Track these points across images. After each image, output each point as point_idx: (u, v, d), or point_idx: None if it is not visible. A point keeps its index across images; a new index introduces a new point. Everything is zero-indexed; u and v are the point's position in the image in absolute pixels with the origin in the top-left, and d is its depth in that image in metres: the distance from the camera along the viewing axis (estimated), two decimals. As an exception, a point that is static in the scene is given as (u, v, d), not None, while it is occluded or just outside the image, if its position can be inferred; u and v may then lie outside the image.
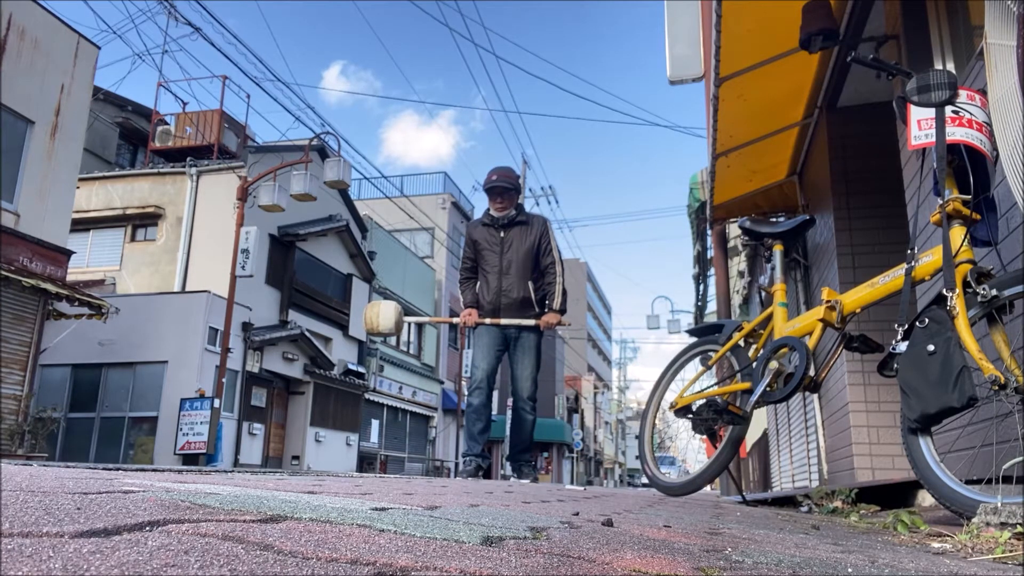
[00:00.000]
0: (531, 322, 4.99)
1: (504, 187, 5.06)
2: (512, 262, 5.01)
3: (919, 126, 2.39)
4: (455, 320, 5.33)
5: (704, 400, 3.43)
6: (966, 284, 2.24)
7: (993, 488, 1.94)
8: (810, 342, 2.92)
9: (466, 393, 5.66)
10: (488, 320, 5.01)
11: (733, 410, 3.18)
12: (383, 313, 5.12)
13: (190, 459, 13.03)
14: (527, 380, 5.03)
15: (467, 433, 5.06)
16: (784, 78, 5.27)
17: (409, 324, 5.54)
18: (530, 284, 5.03)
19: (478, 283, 5.14)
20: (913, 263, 2.44)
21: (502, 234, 5.07)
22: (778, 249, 3.31)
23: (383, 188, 26.34)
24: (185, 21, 12.85)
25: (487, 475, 5.09)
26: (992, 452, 2.21)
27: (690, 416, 3.40)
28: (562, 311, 5.04)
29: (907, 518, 2.24)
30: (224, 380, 13.50)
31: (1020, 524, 1.67)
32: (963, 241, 2.29)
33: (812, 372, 2.92)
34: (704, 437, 3.55)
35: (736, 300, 13.00)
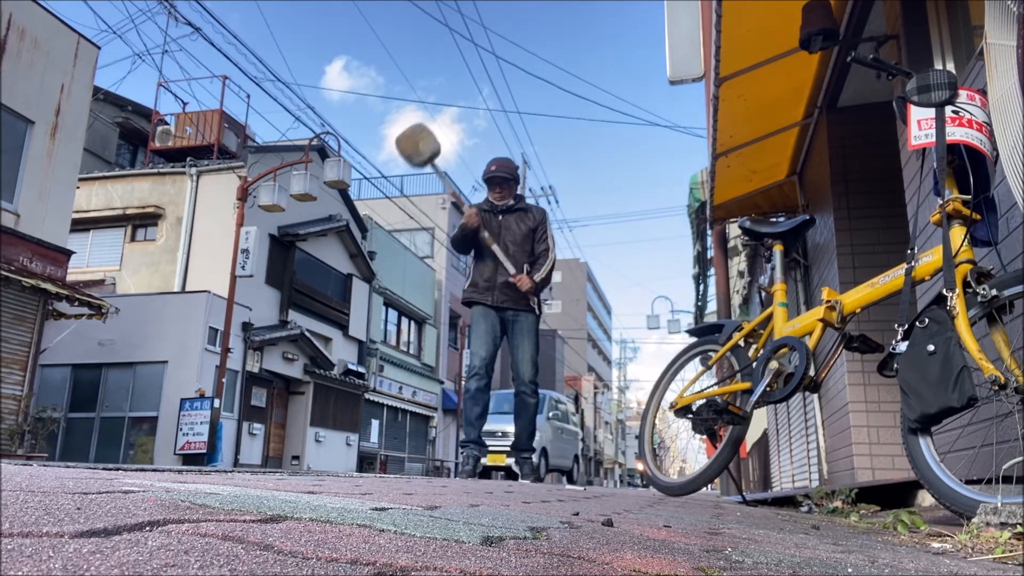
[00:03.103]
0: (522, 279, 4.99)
1: (503, 177, 5.12)
2: (508, 246, 5.04)
3: (919, 126, 2.39)
4: (465, 209, 5.16)
5: (704, 400, 3.43)
6: (966, 284, 2.24)
7: (993, 488, 1.93)
8: (810, 342, 2.92)
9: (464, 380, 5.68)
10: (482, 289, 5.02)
11: (733, 410, 3.18)
12: (424, 142, 4.98)
13: (190, 459, 13.02)
14: (528, 363, 5.05)
15: (465, 419, 5.09)
16: (784, 78, 5.27)
17: (432, 165, 5.37)
18: (525, 267, 5.07)
19: (475, 264, 5.17)
20: (913, 263, 2.44)
21: (500, 218, 5.11)
22: (778, 249, 3.31)
23: (383, 188, 26.36)
24: (185, 21, 12.86)
25: (486, 471, 5.09)
26: (992, 452, 2.22)
27: (690, 416, 3.40)
28: (539, 287, 5.05)
29: (907, 518, 2.24)
30: (224, 380, 13.49)
31: (1020, 524, 1.67)
32: (963, 241, 2.29)
33: (812, 372, 2.92)
34: (704, 437, 3.56)
35: (736, 300, 13.00)
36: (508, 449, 6.53)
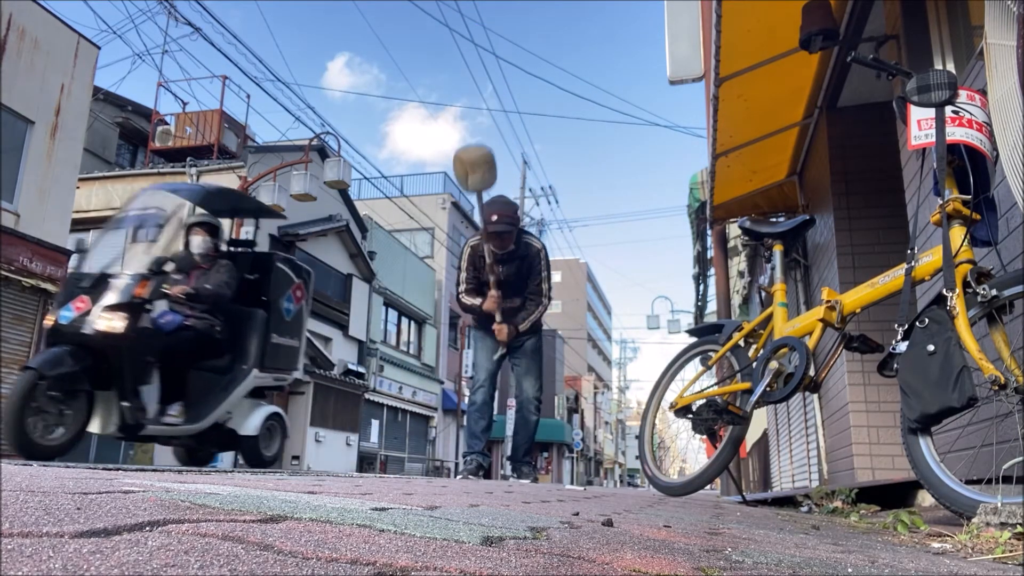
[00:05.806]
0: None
1: (506, 229, 4.78)
2: (510, 278, 4.93)
3: (919, 126, 2.39)
4: (490, 299, 4.93)
5: (704, 400, 3.43)
6: (966, 284, 2.24)
7: (993, 488, 1.93)
8: (810, 342, 2.92)
9: (467, 393, 5.68)
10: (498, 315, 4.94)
11: (733, 410, 3.18)
12: (474, 175, 4.59)
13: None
14: (531, 379, 5.04)
15: (468, 431, 5.09)
16: (784, 78, 5.27)
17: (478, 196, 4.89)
18: (519, 302, 5.00)
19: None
20: (913, 263, 2.44)
21: (500, 268, 4.92)
22: (778, 249, 3.31)
23: (383, 188, 26.33)
24: (185, 21, 12.86)
25: (487, 475, 5.10)
26: (992, 452, 2.21)
27: (690, 416, 3.40)
28: (517, 330, 4.93)
29: (907, 518, 2.24)
30: (224, 380, 13.45)
31: (1020, 524, 1.67)
32: (963, 241, 2.29)
33: (812, 372, 2.92)
34: (704, 437, 3.55)
35: (736, 300, 13.00)
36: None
